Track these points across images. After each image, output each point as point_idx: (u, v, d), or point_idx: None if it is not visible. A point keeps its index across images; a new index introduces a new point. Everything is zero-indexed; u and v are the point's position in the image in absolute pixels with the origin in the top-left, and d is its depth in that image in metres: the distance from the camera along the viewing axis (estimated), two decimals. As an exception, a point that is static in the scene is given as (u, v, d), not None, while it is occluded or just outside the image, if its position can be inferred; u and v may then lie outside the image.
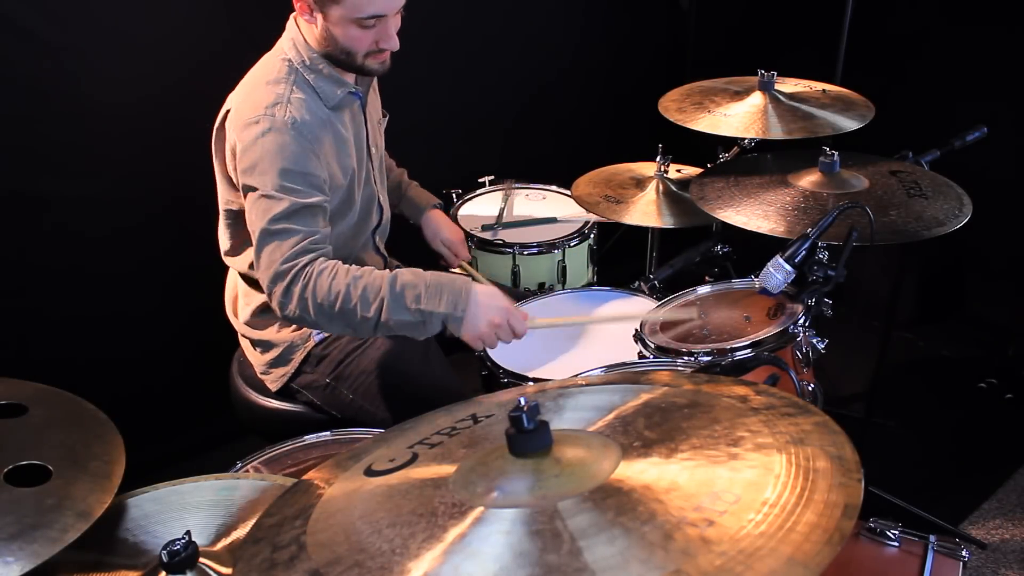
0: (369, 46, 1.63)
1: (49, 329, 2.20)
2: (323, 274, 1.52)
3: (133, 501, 1.17)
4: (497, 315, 1.55)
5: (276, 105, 1.58)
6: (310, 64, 1.65)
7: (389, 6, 1.58)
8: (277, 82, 1.62)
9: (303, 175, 1.56)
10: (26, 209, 2.08)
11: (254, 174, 1.56)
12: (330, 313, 1.52)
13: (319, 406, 1.81)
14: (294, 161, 1.56)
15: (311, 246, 1.55)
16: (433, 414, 1.10)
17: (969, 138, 2.03)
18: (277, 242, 1.53)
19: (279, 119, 1.56)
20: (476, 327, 1.54)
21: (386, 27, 1.61)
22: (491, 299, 1.56)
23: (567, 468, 0.81)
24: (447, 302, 1.52)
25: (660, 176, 2.26)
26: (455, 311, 1.52)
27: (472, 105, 2.88)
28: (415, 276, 1.55)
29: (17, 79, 1.98)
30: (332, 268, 1.53)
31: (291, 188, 1.55)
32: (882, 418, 2.54)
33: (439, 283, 1.54)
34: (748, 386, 0.94)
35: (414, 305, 1.52)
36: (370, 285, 1.52)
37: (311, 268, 1.53)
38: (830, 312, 1.65)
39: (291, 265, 1.53)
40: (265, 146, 1.55)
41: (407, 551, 0.75)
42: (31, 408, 1.14)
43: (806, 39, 3.26)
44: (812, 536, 0.67)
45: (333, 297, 1.51)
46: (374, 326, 1.53)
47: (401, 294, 1.51)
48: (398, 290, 1.52)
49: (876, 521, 1.35)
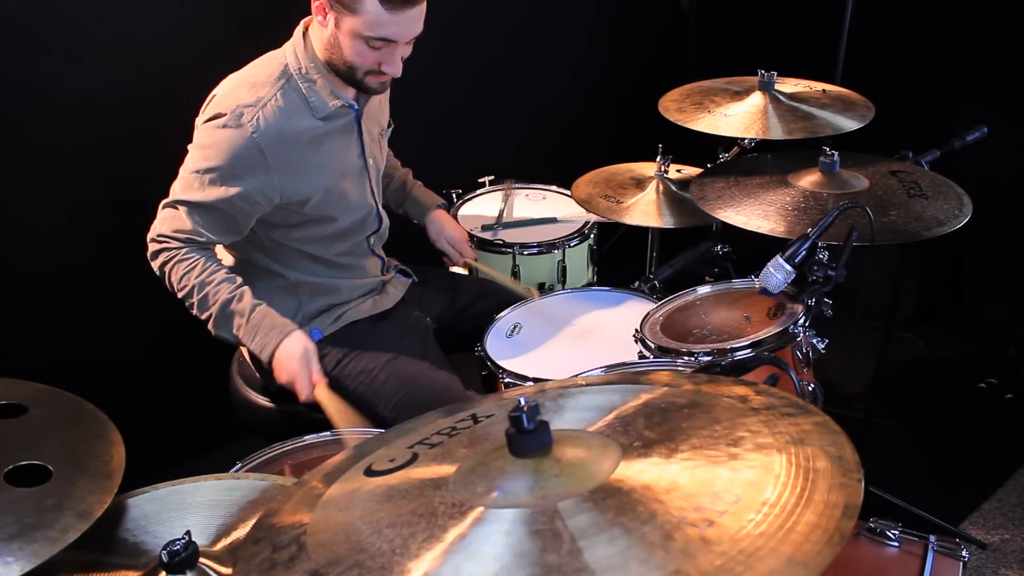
0: (371, 65, 1.63)
1: (49, 329, 2.20)
2: (182, 264, 1.65)
3: (133, 501, 1.17)
4: (284, 376, 1.67)
5: (249, 107, 1.60)
6: (305, 73, 1.65)
7: (401, 33, 1.59)
8: (264, 84, 1.63)
9: (232, 177, 1.60)
10: (26, 209, 2.08)
11: (195, 150, 1.63)
12: (177, 294, 1.67)
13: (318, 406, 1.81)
14: (231, 162, 1.59)
15: (196, 239, 1.65)
16: (433, 414, 1.10)
17: (969, 138, 2.03)
18: (175, 215, 1.64)
19: (244, 122, 1.58)
20: (277, 376, 1.68)
21: (393, 52, 1.62)
22: (287, 360, 1.66)
23: (567, 468, 0.81)
24: (257, 344, 1.66)
25: (660, 176, 2.26)
26: (262, 354, 1.67)
27: (472, 105, 2.88)
28: (246, 306, 1.66)
29: (13, 78, 1.98)
30: (192, 261, 1.65)
31: (213, 183, 1.60)
32: (882, 418, 2.54)
33: (258, 326, 1.66)
34: (748, 386, 0.94)
35: (236, 332, 1.66)
36: (210, 295, 1.65)
37: (178, 252, 1.65)
38: (830, 312, 1.65)
39: (162, 243, 1.66)
40: (217, 135, 1.59)
41: (407, 551, 0.75)
42: (31, 408, 1.14)
43: (806, 39, 3.26)
44: (812, 536, 0.67)
45: (181, 286, 1.66)
46: (207, 326, 1.67)
47: (230, 316, 1.66)
48: (228, 311, 1.66)
49: (876, 521, 1.35)
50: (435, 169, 2.35)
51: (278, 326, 1.67)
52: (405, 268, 2.06)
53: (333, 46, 1.62)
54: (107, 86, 2.12)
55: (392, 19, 1.55)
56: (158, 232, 1.66)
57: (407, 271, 2.06)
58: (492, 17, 2.83)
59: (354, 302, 1.88)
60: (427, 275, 2.08)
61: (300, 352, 1.66)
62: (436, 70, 2.70)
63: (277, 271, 1.79)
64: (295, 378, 1.65)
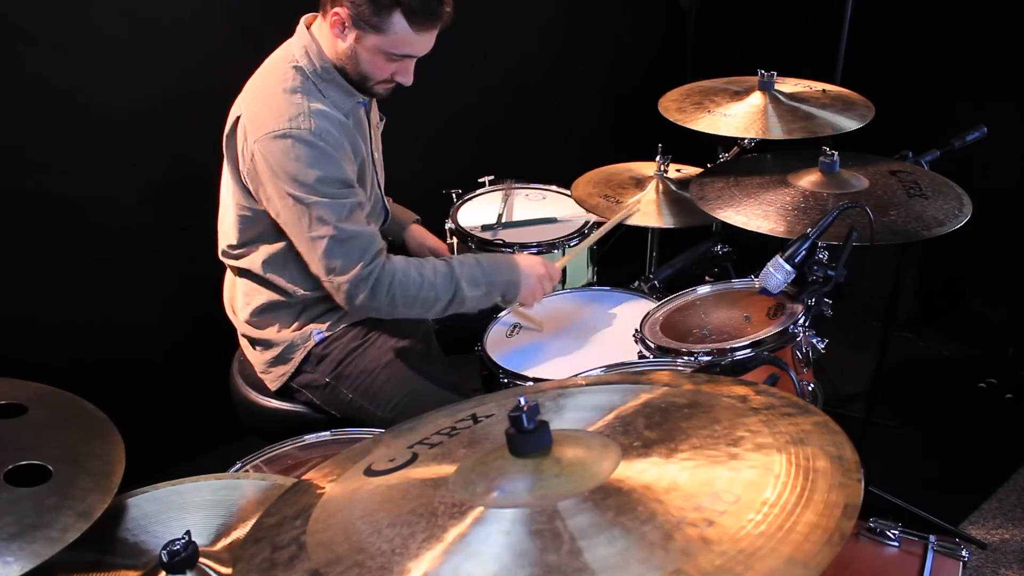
0: (385, 76, 1.67)
1: (49, 329, 2.20)
2: (398, 270, 1.66)
3: (133, 501, 1.17)
4: (541, 267, 1.79)
5: (299, 116, 1.59)
6: (322, 73, 1.65)
7: (423, 49, 1.65)
8: (294, 91, 1.62)
9: (339, 180, 1.61)
10: (26, 209, 2.08)
11: (296, 186, 1.58)
12: (412, 303, 1.68)
13: (319, 406, 1.81)
14: (329, 169, 1.59)
15: (378, 245, 1.65)
16: (433, 414, 1.10)
17: (969, 138, 2.03)
18: (350, 245, 1.61)
19: (305, 130, 1.58)
20: (531, 285, 1.78)
21: (408, 65, 1.67)
22: (528, 259, 1.81)
23: (567, 468, 0.81)
24: (505, 271, 1.75)
25: (660, 176, 2.26)
26: (513, 276, 1.75)
27: (472, 105, 2.88)
28: (467, 257, 1.75)
29: (19, 80, 1.99)
30: (403, 263, 1.68)
31: (336, 193, 1.60)
32: (882, 418, 2.54)
33: (491, 258, 1.78)
34: (748, 386, 0.94)
35: (483, 279, 1.73)
36: (439, 271, 1.70)
37: (391, 266, 1.65)
38: (830, 312, 1.65)
39: (372, 267, 1.63)
40: (301, 159, 1.57)
41: (407, 551, 0.75)
42: (31, 408, 1.14)
43: (806, 39, 3.26)
44: (812, 536, 0.67)
45: (415, 289, 1.66)
46: (446, 306, 1.71)
47: (469, 272, 1.72)
48: (465, 270, 1.72)
49: (876, 521, 1.35)
50: (435, 169, 2.36)
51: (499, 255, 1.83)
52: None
53: (350, 58, 1.64)
54: (107, 86, 2.12)
55: (417, 38, 1.60)
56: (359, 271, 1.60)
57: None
58: (492, 17, 2.83)
59: None
60: None
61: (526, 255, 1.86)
62: (436, 70, 2.68)
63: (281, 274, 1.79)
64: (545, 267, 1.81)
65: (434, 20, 1.60)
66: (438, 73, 2.67)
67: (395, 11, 1.56)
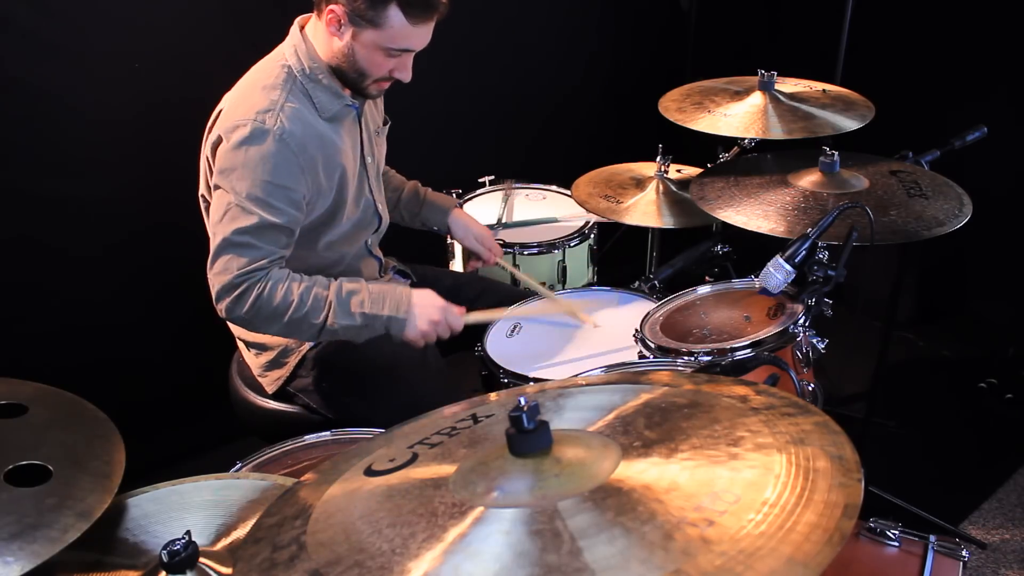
0: (383, 73, 1.65)
1: (50, 329, 2.20)
2: (277, 285, 1.59)
3: (133, 501, 1.17)
4: (436, 313, 1.68)
5: (268, 112, 1.57)
6: (310, 73, 1.64)
7: (421, 43, 1.63)
8: (273, 87, 1.61)
9: (280, 188, 1.57)
10: (25, 209, 2.08)
11: (231, 177, 1.56)
12: (280, 320, 1.60)
13: (315, 409, 1.81)
14: (274, 174, 1.56)
15: (269, 264, 1.60)
16: (433, 414, 1.10)
17: (969, 138, 2.03)
18: (235, 254, 1.57)
19: (268, 127, 1.56)
20: (416, 326, 1.67)
21: (407, 60, 1.65)
22: (428, 299, 1.69)
23: (567, 468, 0.81)
24: (390, 305, 1.65)
25: (660, 176, 2.26)
26: (397, 313, 1.65)
27: (472, 105, 2.88)
28: (357, 284, 1.66)
29: (16, 81, 1.98)
30: (285, 278, 1.60)
31: (264, 202, 1.56)
32: (882, 418, 2.54)
33: (381, 290, 1.66)
34: (748, 386, 0.94)
35: (358, 309, 1.63)
36: (319, 295, 1.62)
37: (266, 279, 1.58)
38: (830, 312, 1.65)
39: (245, 278, 1.57)
40: (249, 153, 1.55)
41: (407, 551, 0.75)
42: (31, 408, 1.14)
43: (806, 39, 3.26)
44: (812, 536, 0.67)
45: (286, 306, 1.59)
46: (319, 331, 1.63)
47: (347, 300, 1.63)
48: (343, 296, 1.63)
49: (876, 521, 1.35)
50: (435, 169, 2.35)
51: (393, 285, 1.70)
52: (404, 268, 2.06)
53: (346, 56, 1.62)
54: (107, 86, 2.12)
55: (414, 31, 1.59)
56: (230, 277, 1.56)
57: (406, 271, 2.05)
58: (492, 17, 2.83)
59: None
60: (427, 275, 2.08)
61: (430, 292, 1.70)
62: (436, 70, 2.69)
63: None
64: (443, 313, 1.68)
65: (430, 12, 1.58)
66: (438, 73, 2.67)
67: (391, 5, 1.54)
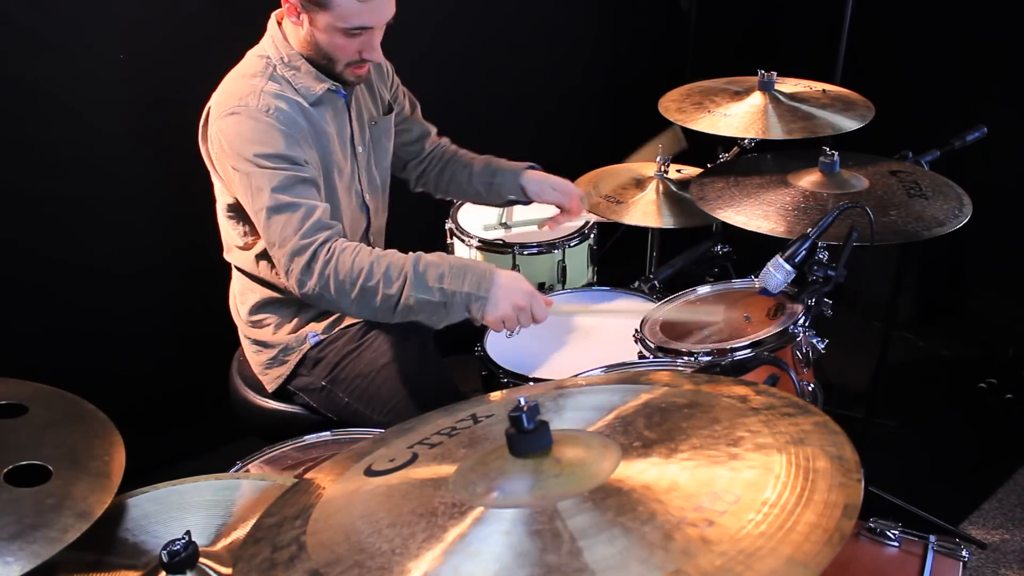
0: (352, 55, 1.63)
1: (50, 329, 2.20)
2: (346, 251, 1.51)
3: (133, 501, 1.17)
4: (521, 298, 1.54)
5: (250, 95, 1.59)
6: (288, 61, 1.65)
7: (376, 19, 1.59)
8: (253, 76, 1.63)
9: (282, 156, 1.56)
10: (25, 209, 2.08)
11: (239, 160, 1.57)
12: (351, 291, 1.51)
13: (315, 408, 1.81)
14: (272, 144, 1.56)
15: (325, 221, 1.54)
16: (433, 414, 1.10)
17: (969, 138, 2.03)
18: (287, 215, 1.52)
19: (253, 107, 1.57)
20: (500, 308, 1.53)
21: (371, 39, 1.62)
22: (515, 281, 1.55)
23: (567, 468, 0.81)
24: (471, 282, 1.52)
25: (660, 176, 2.26)
26: (479, 290, 1.52)
27: (472, 105, 2.87)
28: (439, 257, 1.54)
29: (16, 78, 1.98)
30: (354, 246, 1.53)
31: (275, 165, 1.55)
32: (882, 418, 2.54)
33: (463, 264, 1.54)
34: (748, 386, 0.94)
35: (437, 284, 1.51)
36: (393, 263, 1.51)
37: (333, 245, 1.52)
38: (830, 312, 1.65)
39: (310, 241, 1.51)
40: (243, 133, 1.56)
41: (407, 551, 0.75)
42: (31, 408, 1.14)
43: (806, 39, 3.26)
44: (812, 536, 0.67)
45: (356, 274, 1.50)
46: (394, 305, 1.51)
47: (424, 273, 1.51)
48: (421, 269, 1.51)
49: (876, 521, 1.35)
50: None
51: (477, 261, 1.58)
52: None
53: (310, 43, 1.62)
54: (105, 86, 2.12)
55: (364, 7, 1.55)
56: (294, 242, 1.51)
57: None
58: (491, 17, 2.83)
59: None
60: None
61: (517, 273, 1.58)
62: (435, 70, 2.70)
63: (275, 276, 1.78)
64: (529, 299, 1.54)
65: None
66: (438, 73, 2.67)
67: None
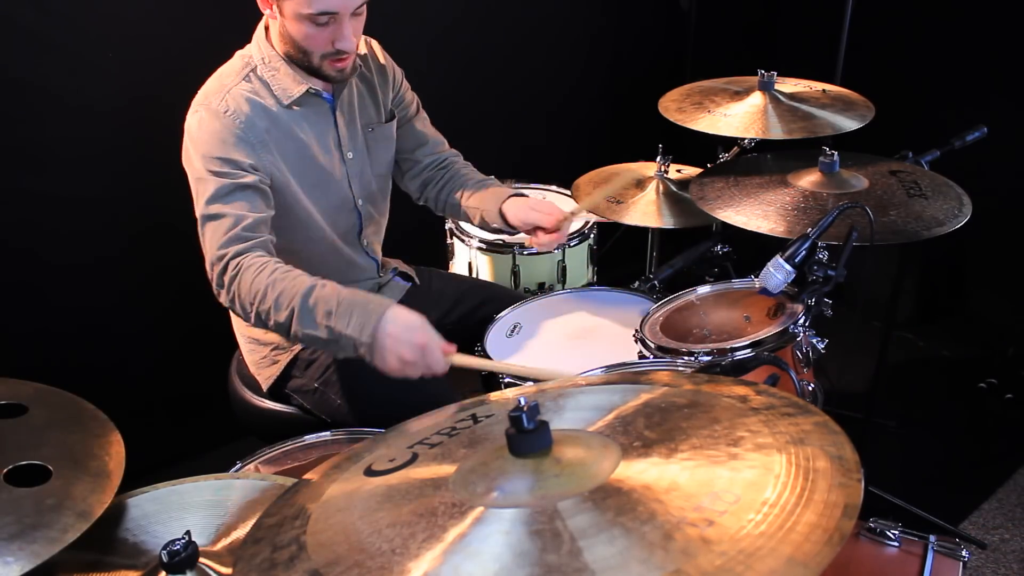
0: (324, 46, 1.60)
1: (49, 329, 2.20)
2: (250, 269, 1.49)
3: (133, 501, 1.17)
4: (408, 352, 1.40)
5: (215, 94, 1.61)
6: (269, 62, 1.65)
7: (340, 4, 1.54)
8: (228, 75, 1.65)
9: (227, 160, 1.56)
10: (25, 209, 2.08)
11: (189, 159, 1.60)
12: (250, 310, 1.49)
13: (309, 410, 1.80)
14: (219, 146, 1.56)
15: (244, 233, 1.51)
16: (433, 414, 1.10)
17: (969, 138, 2.03)
18: (215, 224, 1.53)
19: (212, 107, 1.59)
20: (386, 360, 1.41)
21: (341, 26, 1.57)
22: (405, 331, 1.40)
23: (567, 468, 0.81)
24: (355, 325, 1.41)
25: (660, 176, 2.26)
26: (362, 335, 1.40)
27: (472, 105, 2.88)
28: (333, 291, 1.46)
29: (13, 79, 1.98)
30: (260, 265, 1.49)
31: (218, 171, 1.55)
32: (882, 418, 2.54)
33: (354, 302, 1.43)
34: (748, 386, 0.94)
35: (324, 322, 1.43)
36: (285, 292, 1.45)
37: (241, 260, 1.49)
38: (830, 312, 1.65)
39: (223, 253, 1.50)
40: (194, 132, 1.59)
41: (407, 551, 0.75)
42: (31, 408, 1.14)
43: (806, 39, 3.26)
44: (812, 536, 0.67)
45: (252, 295, 1.47)
46: (287, 333, 1.47)
47: (313, 308, 1.44)
48: (311, 303, 1.44)
49: (876, 521, 1.35)
50: (435, 169, 2.35)
51: (375, 300, 1.45)
52: (406, 271, 2.04)
53: (285, 36, 1.62)
54: (103, 85, 2.12)
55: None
56: (214, 252, 1.52)
57: (408, 274, 2.03)
58: (492, 17, 2.83)
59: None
60: (431, 278, 2.06)
61: (415, 319, 1.42)
62: (435, 70, 2.70)
63: None
64: (419, 354, 1.40)
65: None
66: (438, 73, 2.68)
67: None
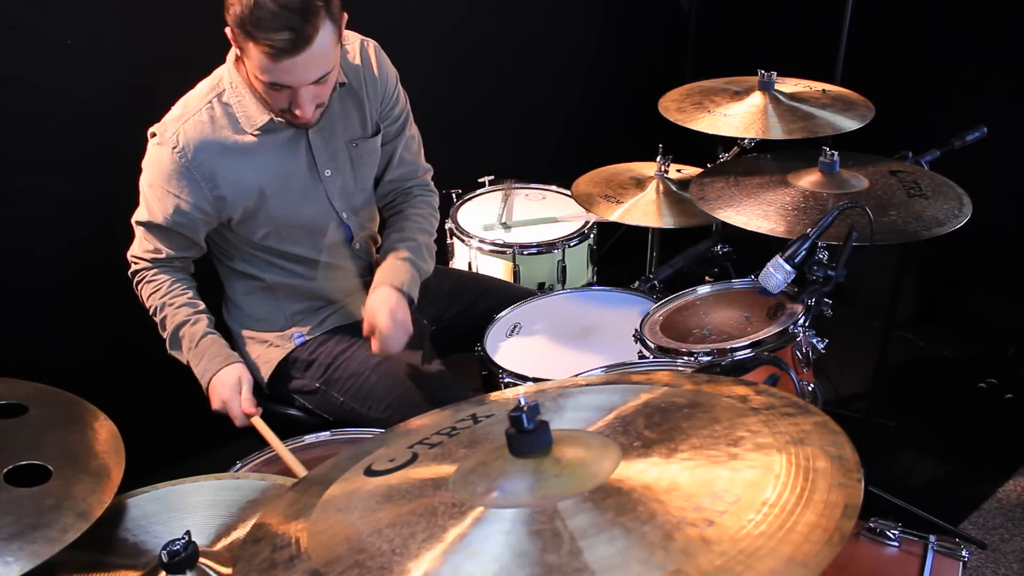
0: (283, 105, 1.55)
1: (49, 329, 2.20)
2: (149, 285, 1.74)
3: (133, 501, 1.17)
4: (216, 403, 1.69)
5: (172, 123, 1.62)
6: (235, 87, 1.62)
7: (293, 79, 1.48)
8: (193, 97, 1.65)
9: (167, 193, 1.63)
10: (24, 208, 2.08)
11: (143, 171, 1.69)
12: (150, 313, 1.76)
13: (311, 410, 1.81)
14: (161, 178, 1.63)
15: (156, 257, 1.74)
16: (433, 414, 1.10)
17: (969, 138, 2.03)
18: (139, 233, 1.75)
19: (165, 137, 1.61)
20: (212, 401, 1.71)
21: (296, 96, 1.52)
22: (222, 387, 1.68)
23: (567, 468, 0.81)
24: (200, 369, 1.71)
25: (660, 176, 2.26)
26: (202, 379, 1.71)
27: (472, 105, 2.88)
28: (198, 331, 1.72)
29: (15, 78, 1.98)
30: (157, 284, 1.74)
31: (153, 200, 1.66)
32: (882, 418, 2.54)
33: (205, 350, 1.71)
34: (748, 386, 0.94)
35: (186, 356, 1.72)
36: (168, 317, 1.72)
37: (146, 274, 1.75)
38: (830, 312, 1.65)
39: (136, 259, 1.76)
40: (148, 153, 1.66)
41: (407, 551, 0.75)
42: (31, 408, 1.14)
43: (806, 39, 3.26)
44: (812, 536, 0.67)
45: (149, 306, 1.75)
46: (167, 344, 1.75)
47: (179, 340, 1.72)
48: (180, 335, 1.72)
49: (876, 521, 1.35)
50: (435, 169, 2.35)
51: (222, 355, 1.71)
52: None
53: (249, 78, 1.58)
54: (99, 84, 2.12)
55: (278, 67, 1.45)
56: (132, 253, 1.77)
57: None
58: (492, 17, 2.83)
59: (339, 304, 1.86)
60: (429, 276, 2.06)
61: (234, 381, 1.69)
62: (435, 70, 2.70)
63: (252, 273, 1.79)
64: (226, 405, 1.67)
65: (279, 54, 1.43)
66: (438, 73, 2.68)
67: (249, 41, 1.44)
